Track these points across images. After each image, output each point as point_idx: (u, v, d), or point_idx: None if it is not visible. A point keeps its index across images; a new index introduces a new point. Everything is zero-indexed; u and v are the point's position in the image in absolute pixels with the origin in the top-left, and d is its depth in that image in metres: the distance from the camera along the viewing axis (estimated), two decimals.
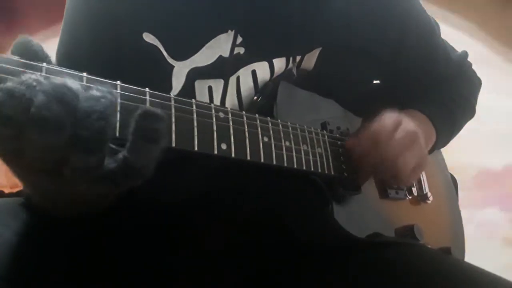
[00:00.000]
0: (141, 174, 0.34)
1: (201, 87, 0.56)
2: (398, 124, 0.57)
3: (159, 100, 0.39)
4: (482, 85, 0.84)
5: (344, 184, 0.57)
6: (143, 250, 0.55)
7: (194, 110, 0.42)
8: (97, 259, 0.49)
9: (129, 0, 0.56)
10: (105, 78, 0.37)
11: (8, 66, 0.32)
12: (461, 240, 0.79)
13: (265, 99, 0.59)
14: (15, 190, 0.68)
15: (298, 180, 0.55)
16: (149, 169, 0.34)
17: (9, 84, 0.29)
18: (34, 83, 0.30)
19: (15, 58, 0.33)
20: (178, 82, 0.56)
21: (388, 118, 0.57)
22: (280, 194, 0.57)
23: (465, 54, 0.81)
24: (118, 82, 0.37)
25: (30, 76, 0.30)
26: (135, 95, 0.38)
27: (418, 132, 0.59)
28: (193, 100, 0.42)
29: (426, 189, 0.73)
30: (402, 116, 0.58)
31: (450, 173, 0.86)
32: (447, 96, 0.76)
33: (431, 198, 0.73)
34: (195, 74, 0.56)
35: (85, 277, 0.47)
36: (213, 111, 0.44)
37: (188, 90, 0.56)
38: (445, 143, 0.77)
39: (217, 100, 0.57)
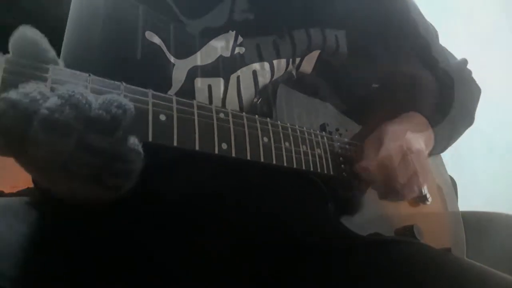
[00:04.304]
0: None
1: (200, 86, 0.57)
2: (404, 153, 0.57)
3: (161, 102, 0.40)
4: None
5: (343, 184, 0.58)
6: (144, 249, 0.55)
7: (195, 111, 0.42)
8: (100, 259, 0.50)
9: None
10: (109, 77, 0.37)
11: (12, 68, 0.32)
12: (461, 241, 0.79)
13: (265, 102, 0.59)
14: (15, 190, 0.68)
15: (298, 180, 0.55)
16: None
17: (13, 95, 0.30)
18: (38, 97, 0.30)
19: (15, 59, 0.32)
20: (178, 80, 0.56)
21: (393, 144, 0.57)
22: (280, 194, 0.57)
23: (465, 62, 0.80)
24: (122, 83, 0.38)
25: (35, 89, 0.31)
26: (138, 96, 0.38)
27: (422, 151, 0.60)
28: (194, 101, 0.43)
29: (425, 190, 0.73)
30: (405, 135, 0.59)
31: (449, 175, 0.87)
32: (446, 102, 0.76)
33: (430, 200, 0.73)
34: (195, 73, 0.56)
35: (87, 277, 0.47)
36: (214, 112, 0.44)
37: (187, 88, 0.56)
38: (443, 148, 0.76)
39: (217, 99, 0.57)
